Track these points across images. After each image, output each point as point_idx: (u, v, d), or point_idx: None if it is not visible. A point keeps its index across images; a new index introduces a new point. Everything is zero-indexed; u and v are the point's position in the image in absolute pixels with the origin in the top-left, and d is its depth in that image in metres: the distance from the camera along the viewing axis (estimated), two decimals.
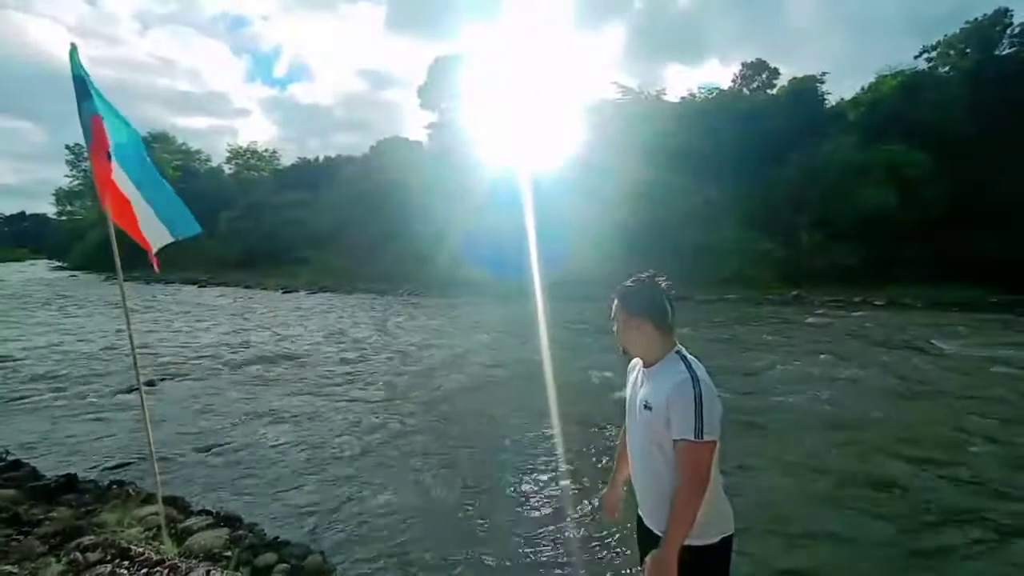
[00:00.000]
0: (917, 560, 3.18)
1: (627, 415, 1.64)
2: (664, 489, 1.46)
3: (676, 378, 1.43)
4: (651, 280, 1.54)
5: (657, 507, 1.49)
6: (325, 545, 3.40)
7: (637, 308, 1.51)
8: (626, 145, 23.39)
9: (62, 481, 4.07)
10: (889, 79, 23.06)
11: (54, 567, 2.26)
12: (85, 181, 48.29)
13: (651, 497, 1.53)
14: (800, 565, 3.16)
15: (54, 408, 6.36)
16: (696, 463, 1.38)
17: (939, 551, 3.28)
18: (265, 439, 5.32)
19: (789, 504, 3.88)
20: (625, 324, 1.54)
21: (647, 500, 1.56)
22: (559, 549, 3.37)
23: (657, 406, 1.45)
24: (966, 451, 4.82)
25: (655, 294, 1.51)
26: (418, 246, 25.89)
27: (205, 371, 8.27)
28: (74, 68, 2.54)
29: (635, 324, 1.52)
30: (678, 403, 1.39)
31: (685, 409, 1.38)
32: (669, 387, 1.42)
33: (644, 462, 1.54)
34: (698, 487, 1.38)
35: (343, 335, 11.80)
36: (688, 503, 1.38)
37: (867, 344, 10.05)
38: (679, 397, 1.39)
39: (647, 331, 1.51)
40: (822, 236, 19.76)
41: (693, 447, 1.37)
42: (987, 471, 4.38)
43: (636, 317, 1.51)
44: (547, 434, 5.32)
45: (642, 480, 1.57)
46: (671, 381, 1.43)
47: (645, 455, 1.53)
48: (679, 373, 1.44)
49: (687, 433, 1.37)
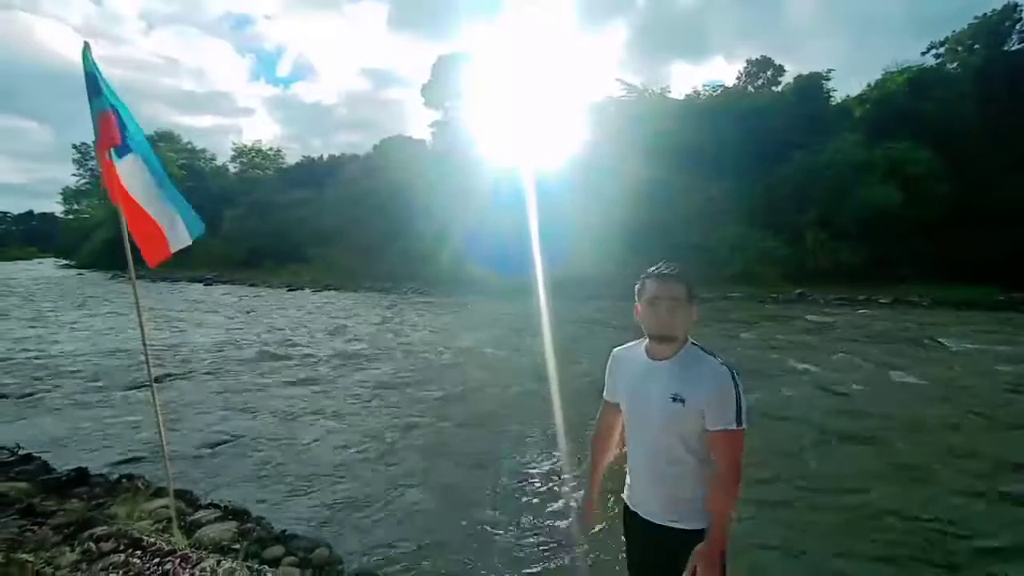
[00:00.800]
0: (918, 557, 3.19)
1: (629, 411, 1.60)
2: (683, 483, 1.48)
3: (716, 370, 1.44)
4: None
5: (671, 501, 1.50)
6: (332, 538, 3.44)
7: (695, 293, 1.50)
8: (630, 143, 23.34)
9: (73, 475, 4.14)
10: (896, 76, 22.88)
11: (69, 556, 2.31)
12: (92, 180, 48.67)
13: (663, 492, 1.52)
14: (798, 562, 3.17)
15: (64, 404, 6.45)
16: (737, 451, 1.43)
17: (938, 546, 3.28)
18: (272, 435, 5.37)
19: (788, 499, 3.89)
20: (686, 308, 1.49)
21: (655, 495, 1.54)
22: (561, 543, 3.39)
23: (693, 399, 1.43)
24: (971, 449, 4.81)
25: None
26: (422, 244, 25.96)
27: (212, 368, 8.35)
28: (86, 65, 2.58)
29: (692, 309, 1.50)
30: (720, 394, 1.41)
31: (727, 399, 1.41)
32: (709, 379, 1.43)
33: (659, 457, 1.51)
34: (739, 474, 1.43)
35: (349, 333, 11.87)
36: (731, 492, 1.43)
37: (872, 342, 10.02)
38: (722, 387, 1.41)
39: (694, 317, 1.51)
40: (827, 234, 19.65)
41: (735, 436, 1.41)
42: (990, 468, 4.38)
43: (694, 302, 1.50)
44: (551, 431, 5.35)
45: (651, 475, 1.54)
46: (710, 373, 1.44)
47: (663, 450, 1.50)
48: (717, 365, 1.46)
49: (730, 423, 1.40)
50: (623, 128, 24.34)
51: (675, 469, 1.49)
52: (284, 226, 33.26)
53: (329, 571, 3.04)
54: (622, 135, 23.95)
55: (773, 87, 27.22)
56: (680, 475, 1.49)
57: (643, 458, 1.56)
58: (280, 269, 29.98)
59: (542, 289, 15.66)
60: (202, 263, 33.42)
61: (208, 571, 2.21)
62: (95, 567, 2.23)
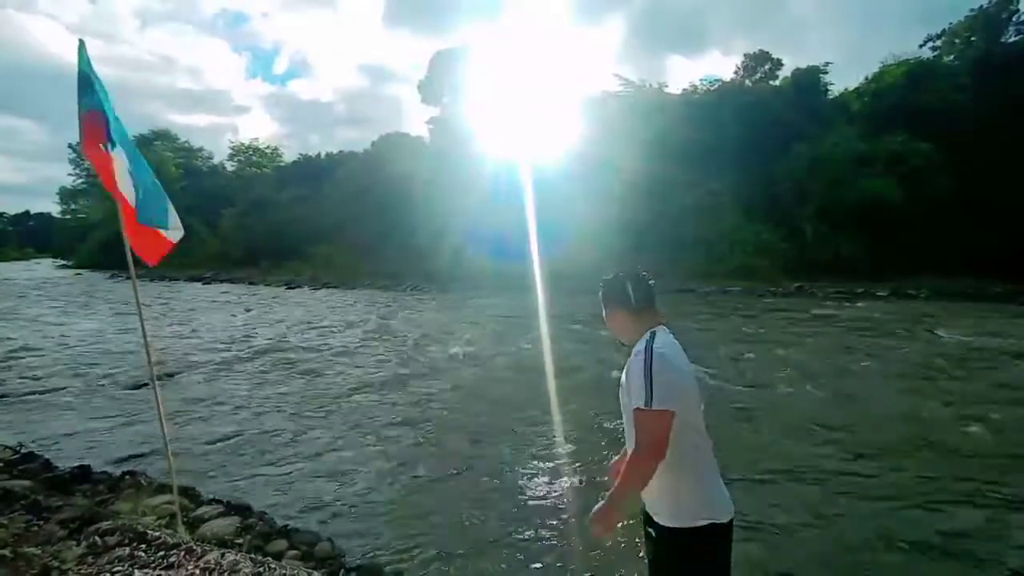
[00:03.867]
0: (915, 545, 3.23)
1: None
2: (659, 479, 1.48)
3: (633, 353, 1.52)
4: (621, 272, 1.69)
5: (647, 491, 1.52)
6: (334, 532, 3.47)
7: (607, 299, 1.69)
8: (628, 138, 23.31)
9: (76, 472, 4.16)
10: (893, 69, 22.85)
11: (75, 550, 2.34)
12: (88, 180, 48.49)
13: (649, 487, 1.52)
14: (796, 556, 3.21)
15: (65, 403, 6.47)
16: (648, 430, 1.42)
17: (935, 539, 3.32)
18: (274, 431, 5.40)
19: (784, 494, 3.93)
20: (606, 315, 1.71)
21: (647, 489, 1.54)
22: (560, 539, 3.43)
23: (625, 384, 1.55)
24: (966, 439, 4.86)
25: (622, 284, 1.64)
26: (421, 241, 25.95)
27: (213, 366, 8.37)
28: (81, 63, 2.57)
29: (610, 313, 1.69)
30: (632, 374, 1.49)
31: (637, 378, 1.45)
32: (630, 360, 1.52)
33: (631, 445, 1.58)
34: (649, 455, 1.42)
35: (348, 330, 11.89)
36: (637, 466, 1.44)
37: (869, 334, 10.06)
38: (633, 368, 1.49)
39: (621, 318, 1.65)
40: (826, 227, 19.68)
41: (643, 415, 1.43)
42: (986, 458, 4.42)
43: (609, 307, 1.68)
44: (552, 427, 5.38)
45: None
46: (632, 354, 1.53)
47: (630, 439, 1.59)
48: (637, 348, 1.53)
49: (639, 401, 1.43)
50: (621, 123, 24.31)
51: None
52: (282, 224, 33.22)
53: (331, 564, 3.07)
54: (620, 130, 23.91)
55: (771, 81, 27.17)
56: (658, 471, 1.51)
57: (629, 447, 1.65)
58: (278, 267, 29.96)
59: (540, 284, 15.69)
60: (200, 262, 33.40)
61: (212, 564, 2.24)
62: (101, 560, 2.26)
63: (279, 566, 2.35)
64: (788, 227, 20.55)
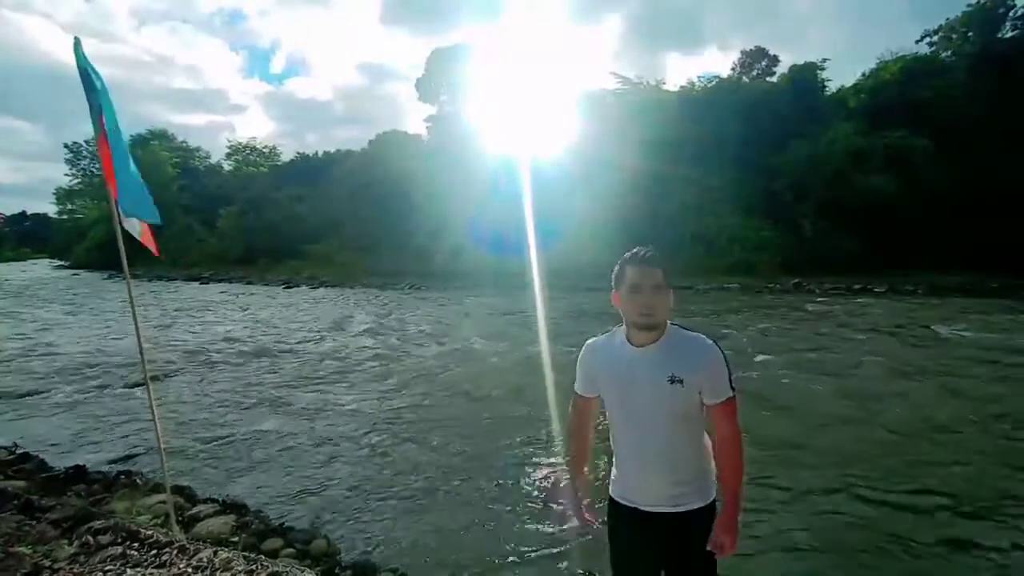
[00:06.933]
0: (908, 544, 3.24)
1: (619, 401, 1.53)
2: (686, 464, 1.50)
3: (705, 345, 1.48)
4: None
5: (674, 485, 1.48)
6: (330, 530, 3.47)
7: (669, 274, 1.47)
8: (626, 135, 23.29)
9: (71, 472, 4.16)
10: (890, 65, 22.83)
11: (67, 549, 2.33)
12: (84, 180, 48.29)
13: (666, 477, 1.48)
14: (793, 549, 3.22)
15: (61, 403, 6.45)
16: (736, 417, 1.48)
17: (931, 534, 3.33)
18: (270, 430, 5.39)
19: (782, 488, 3.94)
20: (666, 293, 1.46)
21: (658, 482, 1.49)
22: (556, 534, 3.43)
23: (691, 378, 1.42)
24: (958, 433, 4.87)
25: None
26: (419, 239, 25.93)
27: (210, 365, 8.35)
28: (79, 61, 2.55)
29: (670, 293, 1.48)
30: (714, 367, 1.45)
31: (721, 371, 1.45)
32: (702, 356, 1.45)
33: (659, 443, 1.47)
34: (741, 439, 1.50)
35: (345, 329, 11.87)
36: (742, 455, 1.50)
37: (865, 330, 10.07)
38: (714, 361, 1.45)
39: (671, 302, 1.50)
40: (824, 223, 19.70)
41: (733, 403, 1.47)
42: (975, 451, 4.43)
43: (668, 282, 1.48)
44: (547, 423, 5.38)
45: (652, 463, 1.49)
46: (701, 349, 1.47)
47: (664, 434, 1.46)
48: (702, 340, 1.49)
49: (728, 391, 1.46)
50: (619, 120, 24.28)
51: (676, 452, 1.48)
52: (279, 223, 33.14)
53: (327, 562, 3.07)
54: (618, 127, 23.89)
55: (768, 77, 27.14)
56: (682, 457, 1.49)
57: (640, 447, 1.51)
58: (276, 266, 29.89)
59: (539, 281, 15.67)
60: (198, 261, 33.34)
61: (205, 562, 2.23)
62: (93, 559, 2.25)
63: (272, 564, 2.34)
64: (786, 223, 20.56)
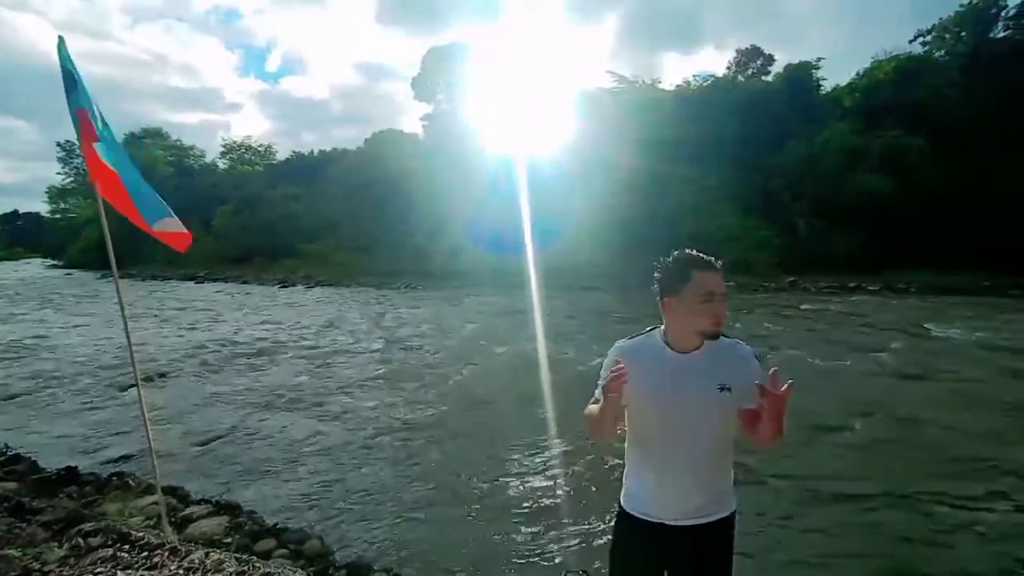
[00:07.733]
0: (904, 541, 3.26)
1: (662, 410, 1.43)
2: (723, 473, 1.48)
3: (745, 352, 1.44)
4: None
5: (711, 494, 1.46)
6: (324, 530, 3.46)
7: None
8: (622, 135, 23.32)
9: (63, 474, 4.13)
10: (884, 64, 22.97)
11: (57, 552, 2.32)
12: (78, 179, 47.92)
13: (703, 488, 1.45)
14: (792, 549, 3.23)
15: (53, 404, 6.40)
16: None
17: (926, 531, 3.36)
18: (264, 430, 5.37)
19: (780, 485, 3.95)
20: (724, 299, 1.40)
21: (694, 493, 1.44)
22: (553, 534, 3.43)
23: (738, 385, 1.37)
24: (949, 430, 4.90)
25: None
26: (415, 239, 25.88)
27: (204, 365, 8.31)
28: (62, 60, 2.54)
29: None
30: (758, 376, 1.34)
31: (759, 374, 1.36)
32: (744, 363, 1.42)
33: (701, 452, 1.42)
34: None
35: (341, 328, 11.84)
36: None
37: (859, 329, 10.14)
38: (756, 369, 1.40)
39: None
40: (819, 223, 19.80)
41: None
42: (966, 449, 4.47)
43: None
44: (544, 423, 5.38)
45: (691, 474, 1.43)
46: (742, 357, 1.43)
47: (707, 443, 1.42)
48: (742, 347, 1.46)
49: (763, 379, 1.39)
50: (615, 119, 24.30)
51: (713, 462, 1.45)
52: (275, 222, 33.00)
53: (321, 562, 3.06)
54: (614, 126, 23.91)
55: (763, 77, 27.24)
56: (721, 465, 1.48)
57: (673, 459, 1.43)
58: (272, 265, 29.76)
59: (536, 281, 15.67)
60: (193, 260, 33.05)
61: (196, 563, 2.22)
62: (83, 561, 2.23)
63: (264, 564, 2.34)
64: (782, 222, 20.66)
